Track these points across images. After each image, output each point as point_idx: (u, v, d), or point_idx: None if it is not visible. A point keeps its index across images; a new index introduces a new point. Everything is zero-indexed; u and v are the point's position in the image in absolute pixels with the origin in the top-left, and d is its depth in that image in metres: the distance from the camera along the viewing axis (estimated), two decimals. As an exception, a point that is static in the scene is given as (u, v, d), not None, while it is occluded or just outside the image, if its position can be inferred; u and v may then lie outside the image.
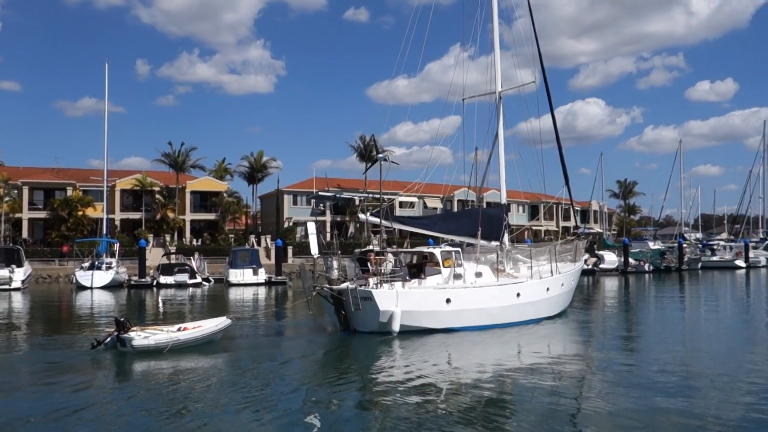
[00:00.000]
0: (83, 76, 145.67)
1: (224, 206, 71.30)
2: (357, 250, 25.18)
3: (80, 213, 62.91)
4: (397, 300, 19.42)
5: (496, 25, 27.36)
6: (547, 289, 23.28)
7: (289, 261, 61.55)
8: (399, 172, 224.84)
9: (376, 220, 24.52)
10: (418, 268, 21.83)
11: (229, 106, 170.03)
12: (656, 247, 64.98)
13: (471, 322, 20.36)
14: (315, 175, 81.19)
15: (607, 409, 11.16)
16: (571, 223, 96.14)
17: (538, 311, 22.73)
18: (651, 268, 59.44)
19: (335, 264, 21.09)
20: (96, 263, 46.48)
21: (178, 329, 17.55)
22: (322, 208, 71.10)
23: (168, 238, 65.97)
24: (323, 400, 12.19)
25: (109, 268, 46.36)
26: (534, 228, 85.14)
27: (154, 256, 54.87)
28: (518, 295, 21.86)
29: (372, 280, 20.03)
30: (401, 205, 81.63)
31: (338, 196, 39.16)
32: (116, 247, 52.28)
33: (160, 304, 34.03)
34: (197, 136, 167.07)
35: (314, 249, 21.41)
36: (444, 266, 21.13)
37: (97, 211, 61.92)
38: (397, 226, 25.31)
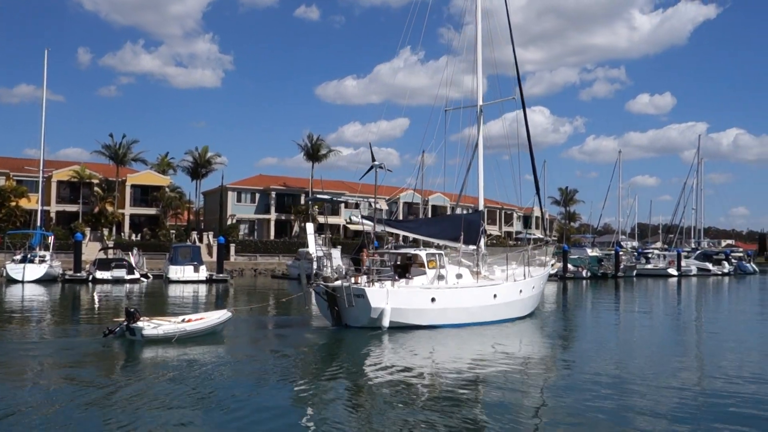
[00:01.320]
0: (21, 62, 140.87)
1: (166, 201, 69.88)
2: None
3: (13, 204, 60.53)
4: (388, 298, 20.71)
5: (479, 48, 28.59)
6: (520, 291, 24.75)
7: (232, 259, 60.78)
8: (344, 172, 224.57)
9: (370, 222, 25.89)
10: (403, 269, 23.12)
11: (173, 100, 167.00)
12: (594, 254, 66.59)
13: (453, 320, 21.74)
14: (261, 172, 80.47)
15: (552, 404, 12.32)
16: (513, 229, 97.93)
17: (511, 311, 24.19)
18: (588, 274, 60.90)
19: (329, 262, 22.12)
20: (28, 256, 44.86)
21: (182, 320, 18.61)
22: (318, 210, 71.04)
23: (106, 232, 64.20)
24: (320, 391, 12.98)
25: (42, 261, 44.83)
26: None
27: (91, 251, 53.34)
28: (495, 296, 23.36)
29: (363, 279, 21.34)
30: (346, 205, 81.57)
31: (334, 199, 40.87)
32: (50, 240, 50.52)
33: (95, 300, 33.08)
34: (140, 129, 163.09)
35: (312, 248, 22.37)
36: (428, 267, 22.47)
37: (31, 203, 59.80)
38: (388, 229, 26.59)
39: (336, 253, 53.30)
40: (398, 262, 23.96)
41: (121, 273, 43.94)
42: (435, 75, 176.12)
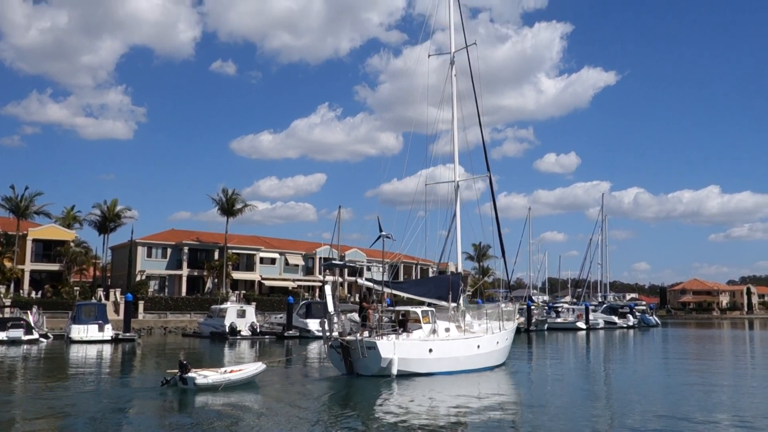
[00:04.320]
0: None
1: (70, 256, 66.55)
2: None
3: None
4: (395, 349, 23.73)
5: (455, 127, 31.70)
6: (497, 342, 28.31)
7: (140, 317, 58.29)
8: (260, 227, 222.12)
9: (370, 284, 30.38)
10: (401, 324, 26.06)
11: (82, 151, 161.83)
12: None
13: (446, 368, 24.94)
14: (173, 226, 78.40)
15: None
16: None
17: (491, 360, 27.79)
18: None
19: (342, 319, 25.57)
20: None
21: (225, 371, 21.13)
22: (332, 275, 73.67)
23: (2, 289, 60.35)
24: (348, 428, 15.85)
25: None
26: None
27: (-15, 310, 49.88)
28: (478, 347, 26.83)
29: (366, 333, 24.32)
30: (262, 260, 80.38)
31: (348, 264, 43.63)
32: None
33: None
34: (45, 181, 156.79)
35: (331, 307, 25.34)
36: (423, 323, 25.81)
37: None
38: (387, 290, 29.50)
39: (250, 308, 52.71)
40: (396, 318, 26.81)
41: (17, 333, 41.16)
42: (352, 131, 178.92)
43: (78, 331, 43.25)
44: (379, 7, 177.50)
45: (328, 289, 26.14)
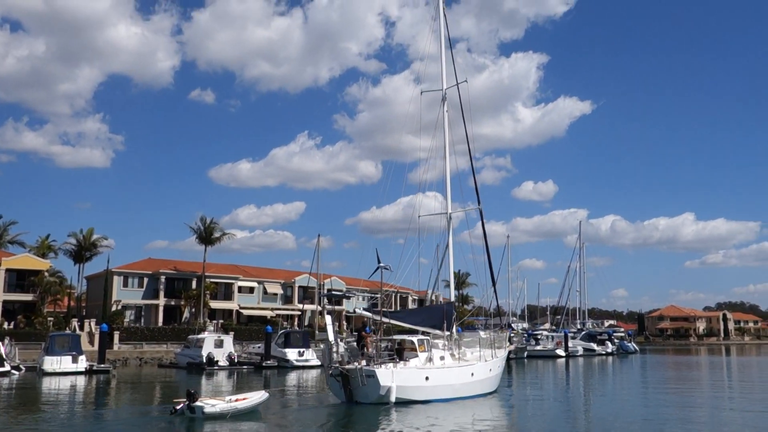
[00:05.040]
0: None
1: (44, 286, 65.37)
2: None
3: None
4: (393, 377, 24.29)
5: (448, 160, 32.64)
6: (490, 369, 29.09)
7: (115, 347, 57.26)
8: (239, 255, 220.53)
9: (368, 313, 31.01)
10: (398, 352, 26.51)
11: (58, 180, 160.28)
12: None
13: (442, 395, 25.55)
14: (150, 255, 77.59)
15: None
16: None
17: (484, 387, 28.47)
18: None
19: (341, 348, 26.04)
20: None
21: (230, 400, 21.82)
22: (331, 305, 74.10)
23: (-26, 320, 59.06)
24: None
25: None
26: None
27: (-45, 341, 48.70)
28: (472, 374, 27.54)
29: (364, 361, 24.88)
30: (240, 289, 79.68)
31: (347, 294, 44.23)
32: None
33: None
34: (19, 210, 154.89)
35: (331, 336, 25.90)
36: (419, 351, 26.58)
37: None
38: (384, 320, 29.77)
39: (228, 338, 52.05)
40: (393, 347, 27.29)
41: (-12, 365, 40.22)
42: (331, 159, 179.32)
43: (51, 363, 42.32)
44: (358, 37, 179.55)
45: (328, 319, 26.75)
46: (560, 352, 70.70)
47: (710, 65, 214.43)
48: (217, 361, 48.08)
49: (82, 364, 43.37)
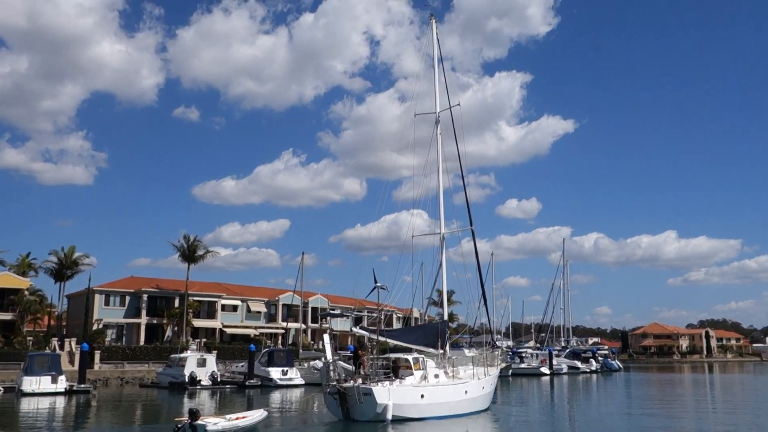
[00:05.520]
0: None
1: (24, 305, 64.46)
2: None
3: None
4: (389, 395, 24.64)
5: (441, 180, 33.69)
6: (483, 387, 29.65)
7: (96, 367, 56.44)
8: (222, 273, 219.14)
9: (363, 332, 31.65)
10: (394, 371, 27.03)
11: (39, 197, 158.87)
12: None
13: (437, 413, 26.05)
14: (132, 273, 76.86)
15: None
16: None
17: (478, 405, 28.98)
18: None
19: (339, 367, 26.56)
20: None
21: (230, 419, 22.07)
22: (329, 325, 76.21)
23: (-49, 340, 58.11)
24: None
25: None
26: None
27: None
28: (466, 392, 28.10)
29: (360, 380, 25.30)
30: (223, 308, 79.07)
31: (344, 314, 44.66)
32: None
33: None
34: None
35: (329, 355, 26.72)
36: (414, 369, 27.06)
37: None
38: (381, 338, 30.07)
39: (211, 357, 51.53)
40: (388, 365, 27.81)
41: (-35, 386, 39.49)
42: (315, 177, 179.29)
43: (30, 383, 41.58)
44: (343, 55, 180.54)
45: (326, 338, 27.27)
46: (545, 369, 70.66)
47: (693, 85, 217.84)
48: (200, 381, 47.51)
49: (62, 384, 42.64)
